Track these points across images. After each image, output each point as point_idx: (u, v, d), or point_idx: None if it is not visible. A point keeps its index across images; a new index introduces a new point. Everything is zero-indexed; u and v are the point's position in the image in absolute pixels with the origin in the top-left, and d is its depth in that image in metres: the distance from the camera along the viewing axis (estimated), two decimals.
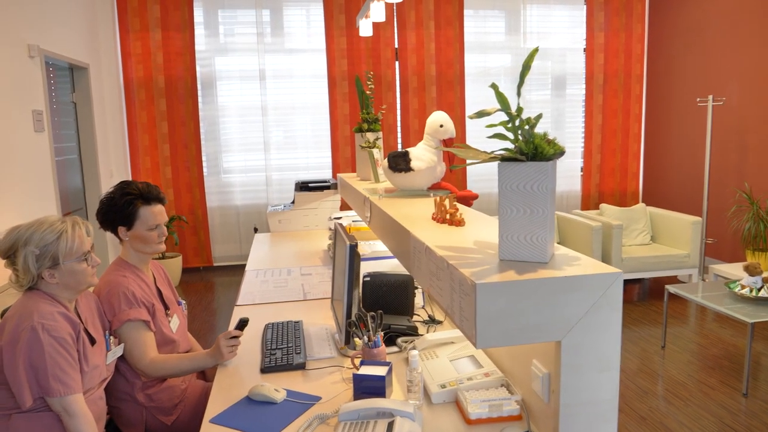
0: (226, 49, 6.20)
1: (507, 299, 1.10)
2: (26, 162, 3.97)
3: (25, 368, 1.61)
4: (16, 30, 3.89)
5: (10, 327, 1.65)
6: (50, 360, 1.62)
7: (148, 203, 2.09)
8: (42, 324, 1.64)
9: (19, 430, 1.64)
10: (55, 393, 1.62)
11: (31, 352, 1.61)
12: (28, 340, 1.62)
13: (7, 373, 1.62)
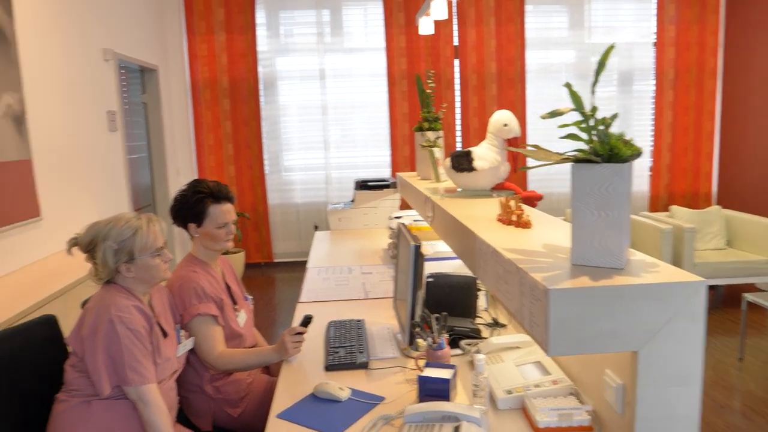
0: (286, 49, 6.31)
1: (581, 306, 1.07)
2: (102, 160, 4.17)
3: (103, 358, 1.69)
4: (92, 35, 4.09)
5: (90, 319, 1.73)
6: (126, 351, 1.69)
7: (217, 202, 2.15)
8: (119, 316, 1.71)
9: (98, 415, 1.72)
10: (131, 382, 1.69)
11: (109, 343, 1.69)
12: (107, 331, 1.69)
13: (87, 362, 1.70)
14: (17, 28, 3.14)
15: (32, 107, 3.25)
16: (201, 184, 2.18)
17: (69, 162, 3.68)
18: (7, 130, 2.99)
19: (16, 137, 3.08)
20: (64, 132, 3.63)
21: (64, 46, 3.69)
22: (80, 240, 1.82)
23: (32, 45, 3.29)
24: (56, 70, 3.57)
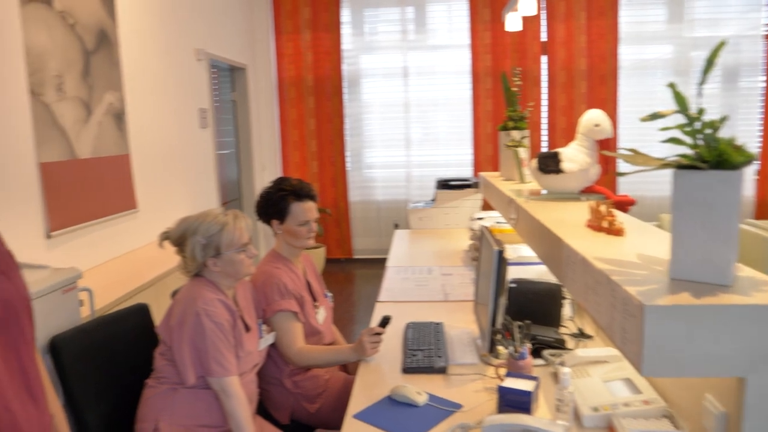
0: (371, 47, 6.35)
1: (681, 326, 0.98)
2: (193, 155, 4.37)
3: (189, 349, 1.76)
4: (187, 36, 4.29)
5: (178, 310, 1.80)
6: (211, 343, 1.75)
7: (299, 199, 2.18)
8: (205, 309, 1.77)
9: (183, 403, 1.79)
10: (214, 373, 1.74)
11: (195, 335, 1.75)
12: (193, 324, 1.76)
13: (174, 352, 1.78)
14: (119, 31, 3.33)
15: (131, 105, 3.45)
16: (285, 182, 2.22)
17: (163, 157, 3.88)
18: (108, 127, 3.19)
19: (117, 133, 3.27)
20: (159, 128, 3.83)
21: (161, 46, 3.88)
22: (171, 234, 1.90)
23: (132, 46, 3.49)
24: (153, 70, 3.77)
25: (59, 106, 2.76)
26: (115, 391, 1.90)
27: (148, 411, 1.80)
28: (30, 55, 2.58)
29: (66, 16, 2.83)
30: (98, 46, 3.10)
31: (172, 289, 2.28)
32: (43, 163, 2.64)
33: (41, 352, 1.79)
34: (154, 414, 1.79)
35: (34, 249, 2.59)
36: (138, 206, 3.48)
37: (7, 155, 2.47)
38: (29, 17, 2.57)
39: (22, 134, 2.55)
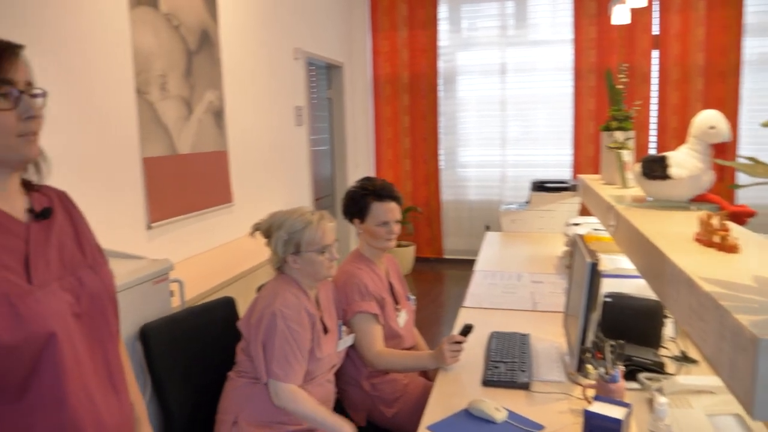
0: (468, 43, 6.22)
1: None
2: (288, 152, 4.47)
3: (261, 347, 1.76)
4: (285, 35, 4.39)
5: (259, 307, 1.82)
6: (279, 347, 1.74)
7: (380, 199, 2.15)
8: (282, 312, 1.77)
9: (260, 398, 1.80)
10: (273, 375, 1.74)
11: (268, 333, 1.75)
12: (268, 322, 1.76)
13: (251, 348, 1.79)
14: (220, 32, 3.46)
15: (230, 103, 3.58)
16: (368, 181, 2.20)
17: (259, 153, 4.00)
18: (208, 124, 3.32)
19: (216, 130, 3.40)
20: (256, 126, 3.95)
21: (260, 46, 4.00)
22: (261, 226, 1.93)
23: (232, 46, 3.61)
24: (251, 69, 3.89)
25: (162, 104, 2.91)
26: (200, 381, 1.96)
27: (229, 404, 1.83)
28: (137, 56, 2.73)
29: (171, 18, 2.97)
30: (200, 46, 3.23)
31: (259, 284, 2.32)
32: (146, 158, 2.79)
33: (132, 340, 1.88)
34: (234, 407, 1.82)
35: (136, 239, 2.74)
36: (233, 200, 3.61)
37: (116, 150, 2.62)
38: (137, 20, 2.72)
39: (129, 131, 2.70)
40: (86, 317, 1.04)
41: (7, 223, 0.97)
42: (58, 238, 1.05)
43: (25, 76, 0.96)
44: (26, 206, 1.03)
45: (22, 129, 0.93)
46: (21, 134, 0.94)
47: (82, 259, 1.08)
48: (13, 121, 0.92)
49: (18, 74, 0.94)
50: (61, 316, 0.97)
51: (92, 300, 1.06)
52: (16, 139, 0.93)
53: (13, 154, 0.94)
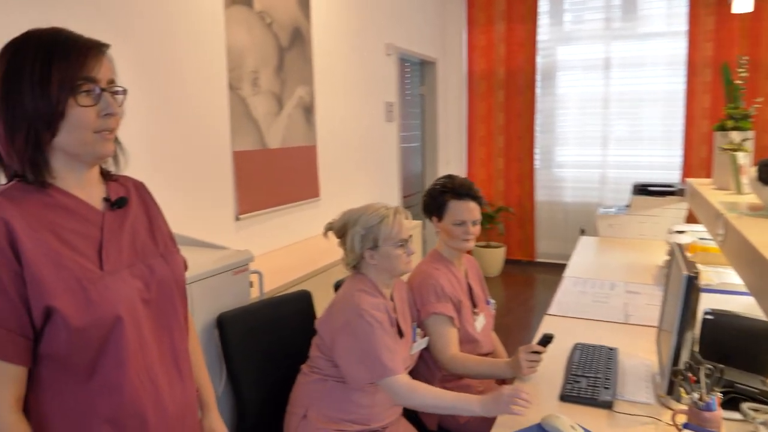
0: (569, 37, 5.92)
1: None
2: (377, 148, 4.47)
3: (352, 354, 1.70)
4: (377, 31, 4.38)
5: (340, 311, 1.77)
6: (374, 343, 1.68)
7: (458, 198, 2.07)
8: (367, 311, 1.71)
9: (331, 395, 1.79)
10: (382, 375, 1.66)
11: (357, 338, 1.70)
12: (355, 326, 1.70)
13: (338, 356, 1.73)
14: (313, 28, 3.51)
15: (320, 98, 3.62)
16: (448, 178, 2.13)
17: (347, 149, 4.02)
18: (298, 119, 3.37)
19: (305, 125, 3.45)
20: (345, 121, 3.97)
21: (352, 42, 4.02)
22: (334, 225, 1.92)
23: (324, 42, 3.65)
24: (343, 65, 3.91)
25: (254, 99, 2.98)
26: (273, 371, 1.98)
27: (300, 397, 1.83)
28: (230, 53, 2.81)
29: (264, 15, 3.04)
30: (292, 43, 3.29)
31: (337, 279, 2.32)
32: (236, 152, 2.87)
33: (210, 328, 1.93)
34: (304, 401, 1.81)
35: (225, 230, 2.84)
36: (320, 195, 3.65)
37: (209, 144, 2.72)
38: (231, 18, 2.80)
39: (221, 125, 2.79)
40: (155, 304, 1.06)
41: (84, 211, 1.00)
42: (131, 227, 1.07)
43: (108, 74, 0.99)
44: (103, 195, 1.06)
45: (99, 125, 0.96)
46: (98, 130, 0.96)
47: (153, 247, 1.10)
48: (92, 118, 0.95)
49: (101, 72, 0.97)
50: (128, 301, 0.99)
51: (161, 287, 1.07)
52: (93, 135, 0.96)
53: (89, 149, 0.97)
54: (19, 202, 0.93)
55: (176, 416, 1.07)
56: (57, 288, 0.90)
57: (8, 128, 0.92)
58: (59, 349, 0.91)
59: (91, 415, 0.94)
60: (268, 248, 3.17)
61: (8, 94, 0.92)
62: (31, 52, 0.92)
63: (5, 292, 0.87)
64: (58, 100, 0.92)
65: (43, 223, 0.93)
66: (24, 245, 0.89)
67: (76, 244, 0.96)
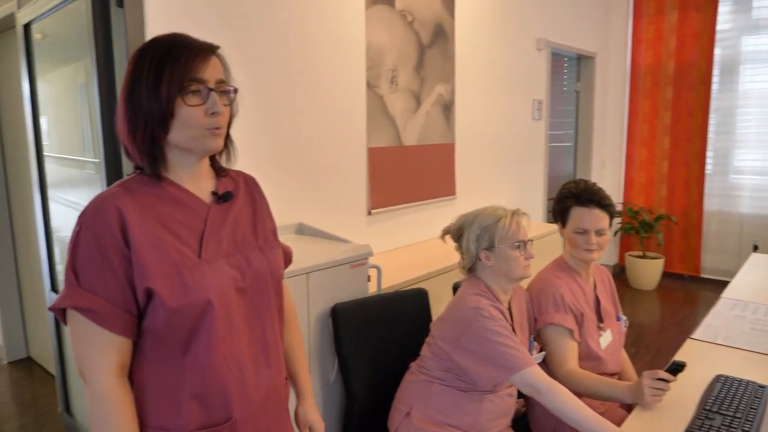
0: (757, 25, 5.20)
1: None
2: (521, 147, 4.32)
3: (476, 357, 1.67)
4: (527, 26, 4.22)
5: (457, 315, 1.75)
6: (493, 343, 1.64)
7: (580, 204, 1.93)
8: (483, 311, 1.68)
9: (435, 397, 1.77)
10: (512, 371, 1.61)
11: (477, 340, 1.67)
12: (473, 331, 1.67)
13: (462, 364, 1.70)
14: (456, 25, 3.48)
15: (460, 96, 3.58)
16: (574, 183, 1.99)
17: (487, 147, 3.93)
18: (436, 117, 3.37)
19: (444, 123, 3.44)
20: (487, 119, 3.89)
21: (498, 39, 3.91)
22: (451, 228, 1.90)
23: (467, 40, 3.60)
24: (487, 62, 3.83)
25: (391, 97, 3.04)
26: (382, 364, 2.01)
27: (405, 395, 1.84)
28: (369, 52, 2.89)
29: (406, 14, 3.08)
30: (433, 40, 3.29)
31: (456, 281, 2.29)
32: (371, 148, 2.95)
33: (325, 317, 2.01)
34: (409, 400, 1.82)
35: (356, 224, 2.94)
36: (456, 193, 3.62)
37: (346, 140, 2.83)
38: (372, 18, 2.88)
39: (358, 122, 2.89)
40: (249, 293, 1.12)
41: (191, 203, 1.09)
42: (234, 220, 1.15)
43: (217, 75, 1.06)
44: (212, 189, 1.14)
45: (207, 123, 1.04)
46: (206, 127, 1.04)
47: (253, 240, 1.17)
48: (200, 116, 1.03)
49: (209, 73, 1.04)
50: (221, 288, 1.06)
51: (256, 278, 1.14)
52: (202, 132, 1.04)
53: (198, 144, 1.05)
54: (134, 192, 1.04)
55: (260, 401, 1.13)
56: (156, 272, 0.99)
57: (131, 126, 1.04)
58: (158, 326, 1.01)
59: (181, 389, 1.03)
60: (399, 244, 3.22)
61: (131, 94, 1.03)
62: (148, 57, 1.02)
63: (114, 272, 0.98)
64: (168, 99, 1.01)
65: (152, 213, 1.03)
66: (133, 232, 0.99)
67: (180, 233, 1.05)
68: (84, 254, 0.98)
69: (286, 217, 2.57)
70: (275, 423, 1.17)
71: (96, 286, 0.98)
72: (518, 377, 1.60)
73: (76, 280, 0.98)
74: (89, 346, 0.99)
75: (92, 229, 0.98)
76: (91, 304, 0.97)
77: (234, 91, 1.10)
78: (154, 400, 1.04)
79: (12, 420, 3.01)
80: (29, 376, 3.55)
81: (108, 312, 0.98)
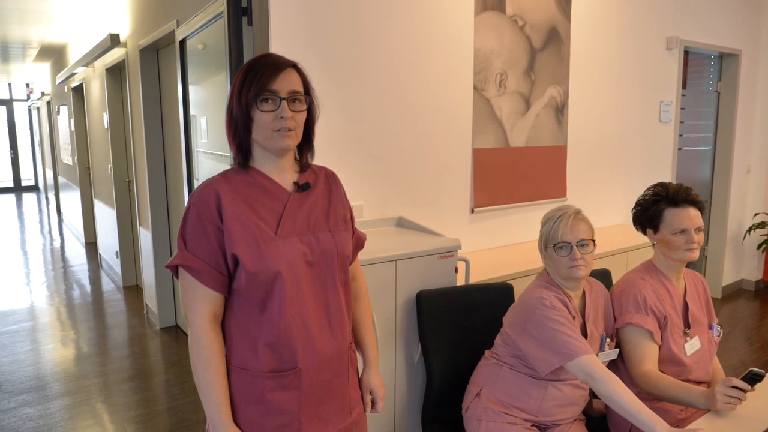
0: None
1: None
2: (642, 150, 4.16)
3: (534, 342, 1.77)
4: (655, 23, 4.05)
5: (521, 300, 1.87)
6: (550, 329, 1.73)
7: (675, 205, 1.92)
8: (542, 300, 1.78)
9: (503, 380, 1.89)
10: (564, 359, 1.69)
11: (535, 326, 1.77)
12: (532, 317, 1.78)
13: (522, 348, 1.81)
14: (572, 27, 3.46)
15: (574, 98, 3.56)
16: (662, 186, 1.98)
17: (604, 150, 3.85)
18: (546, 119, 3.40)
19: (554, 125, 3.46)
20: (602, 121, 3.81)
21: (619, 38, 3.81)
22: None
23: (583, 41, 3.57)
24: (605, 63, 3.75)
25: (498, 100, 3.13)
26: (460, 351, 2.15)
27: (477, 377, 1.97)
28: (477, 57, 3.01)
29: (517, 18, 3.15)
30: (546, 43, 3.32)
31: None
32: (476, 149, 3.07)
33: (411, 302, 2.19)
34: (480, 381, 1.95)
35: (460, 220, 3.08)
36: (567, 196, 3.61)
37: (453, 141, 2.99)
38: (481, 24, 3.00)
39: (464, 123, 3.03)
40: (316, 266, 1.34)
41: (275, 190, 1.34)
42: (310, 206, 1.37)
43: (290, 86, 1.29)
44: (294, 180, 1.38)
45: (276, 125, 1.28)
46: (275, 129, 1.28)
47: (324, 223, 1.39)
48: (270, 120, 1.27)
49: (281, 85, 1.27)
50: (291, 260, 1.29)
51: (323, 254, 1.36)
52: (273, 133, 1.28)
53: (270, 143, 1.30)
54: (230, 179, 1.30)
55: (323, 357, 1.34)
56: (241, 241, 1.25)
57: (229, 128, 1.32)
58: (241, 286, 1.26)
59: (258, 337, 1.28)
60: (502, 242, 3.30)
61: (229, 104, 1.31)
62: (241, 74, 1.29)
63: (210, 240, 1.25)
64: (248, 106, 1.26)
65: (242, 195, 1.29)
66: (226, 210, 1.25)
67: (262, 213, 1.30)
68: (190, 226, 1.26)
69: (389, 211, 2.79)
70: (336, 378, 1.38)
71: (197, 250, 1.25)
72: (574, 364, 1.67)
73: (185, 245, 1.26)
74: (192, 296, 1.26)
75: (197, 207, 1.26)
76: (193, 264, 1.24)
77: (305, 100, 1.32)
78: (239, 345, 1.29)
79: (159, 375, 3.56)
80: (176, 340, 4.14)
81: (205, 270, 1.24)
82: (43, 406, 3.18)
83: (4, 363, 3.81)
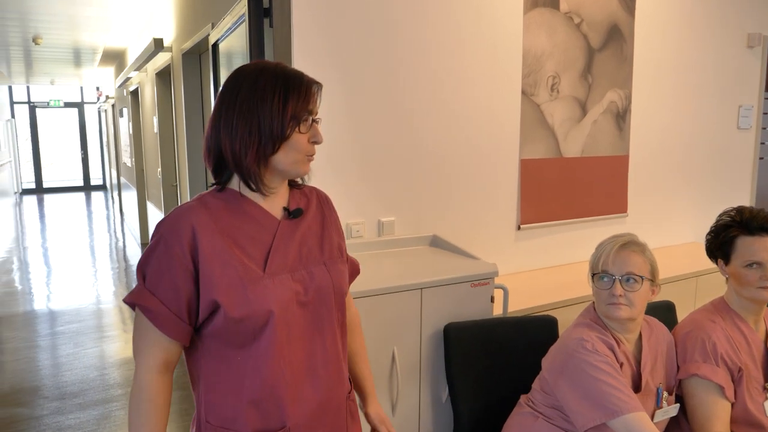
0: None
1: None
2: (720, 161, 3.74)
3: (573, 392, 1.51)
4: (735, 20, 3.62)
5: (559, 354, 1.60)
6: (593, 379, 1.47)
7: (749, 233, 1.61)
8: (581, 341, 1.52)
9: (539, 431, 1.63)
10: (607, 415, 1.43)
11: (575, 374, 1.51)
12: (571, 363, 1.52)
13: (560, 397, 1.56)
14: (636, 25, 3.12)
15: (638, 103, 3.21)
16: (737, 210, 1.66)
17: (671, 160, 3.47)
18: (606, 126, 3.07)
19: (615, 133, 3.12)
20: (670, 128, 3.42)
21: (691, 36, 3.42)
22: None
23: (650, 39, 3.21)
24: (675, 64, 3.37)
25: (550, 105, 2.84)
26: (493, 392, 1.90)
27: (510, 427, 1.72)
28: (526, 58, 2.73)
29: (572, 16, 2.85)
30: (606, 42, 3.00)
31: None
32: (524, 160, 2.79)
33: (437, 337, 1.95)
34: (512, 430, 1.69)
35: (505, 238, 2.80)
36: (628, 211, 3.26)
37: (496, 151, 2.72)
38: (531, 22, 2.71)
39: (510, 132, 2.75)
40: (311, 307, 1.15)
41: (263, 219, 1.14)
42: (302, 235, 1.18)
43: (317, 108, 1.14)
44: (284, 204, 1.19)
45: (308, 149, 1.12)
46: (307, 153, 1.12)
47: (318, 255, 1.19)
48: (305, 143, 1.11)
49: (316, 106, 1.13)
50: (282, 302, 1.09)
51: (318, 292, 1.16)
52: (303, 157, 1.12)
53: (295, 169, 1.12)
54: (209, 206, 1.11)
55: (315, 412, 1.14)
56: (221, 285, 1.06)
57: (242, 142, 1.08)
58: (221, 330, 1.08)
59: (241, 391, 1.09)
60: (553, 262, 3.00)
61: (248, 113, 1.08)
62: (271, 82, 1.09)
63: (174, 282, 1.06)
64: (289, 126, 1.08)
65: (222, 225, 1.10)
66: (203, 247, 1.07)
67: (248, 248, 1.10)
68: (155, 259, 1.08)
69: (423, 228, 2.56)
70: None
71: (157, 289, 1.07)
72: (619, 422, 1.40)
73: (143, 280, 1.08)
74: (142, 338, 1.09)
75: (166, 240, 1.07)
76: (149, 304, 1.07)
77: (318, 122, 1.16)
78: (216, 399, 1.11)
79: None
80: None
81: (163, 314, 1.06)
82: (74, 415, 3.14)
83: (45, 366, 3.83)
